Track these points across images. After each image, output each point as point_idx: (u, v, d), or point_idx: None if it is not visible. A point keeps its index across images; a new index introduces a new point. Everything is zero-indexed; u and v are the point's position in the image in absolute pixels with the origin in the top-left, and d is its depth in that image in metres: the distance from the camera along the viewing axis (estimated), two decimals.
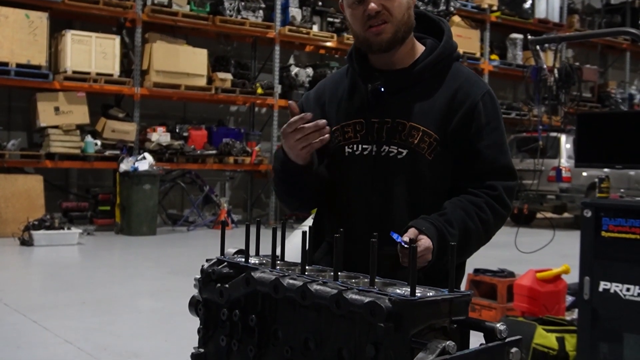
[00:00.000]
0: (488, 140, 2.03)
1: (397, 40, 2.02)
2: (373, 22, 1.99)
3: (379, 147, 2.03)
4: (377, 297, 1.35)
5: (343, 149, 2.09)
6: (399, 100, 2.05)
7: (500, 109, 2.13)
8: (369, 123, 2.06)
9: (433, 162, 1.98)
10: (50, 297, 6.19)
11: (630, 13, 18.59)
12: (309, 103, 2.23)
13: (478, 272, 5.58)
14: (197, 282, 1.80)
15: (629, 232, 3.86)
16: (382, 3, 1.97)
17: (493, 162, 2.03)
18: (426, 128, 2.00)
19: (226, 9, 11.93)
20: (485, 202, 1.99)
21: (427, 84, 2.06)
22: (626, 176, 12.13)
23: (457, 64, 2.13)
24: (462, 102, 2.03)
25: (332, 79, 2.27)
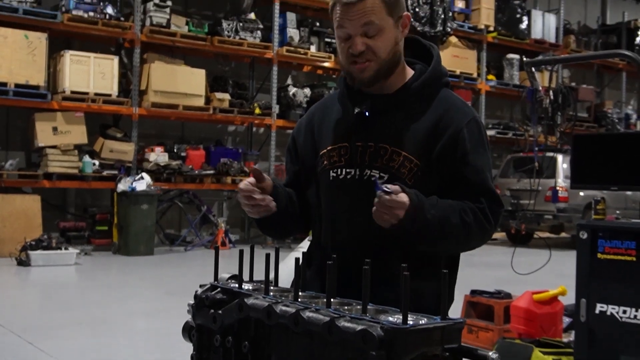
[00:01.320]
0: (473, 165, 2.03)
1: (380, 77, 2.04)
2: (357, 60, 2.01)
3: (362, 171, 2.06)
4: (369, 325, 1.36)
5: (328, 173, 2.12)
6: (383, 124, 2.07)
7: (486, 136, 2.14)
8: (354, 147, 2.08)
9: (412, 186, 1.97)
10: (47, 317, 6.17)
11: (626, 34, 18.70)
12: (300, 131, 2.27)
13: (475, 294, 5.57)
14: (191, 307, 1.80)
15: (625, 254, 3.86)
16: (367, 43, 1.99)
17: (479, 186, 2.04)
18: (407, 153, 2.02)
19: (224, 29, 11.99)
20: (471, 208, 2.00)
21: (413, 109, 2.07)
22: (623, 197, 12.13)
23: (445, 90, 2.14)
24: (445, 128, 2.04)
25: (322, 103, 2.30)
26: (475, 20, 15.60)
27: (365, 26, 1.98)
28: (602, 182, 4.71)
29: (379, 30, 1.99)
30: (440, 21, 14.56)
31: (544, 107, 6.44)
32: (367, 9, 1.96)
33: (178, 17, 11.73)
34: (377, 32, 1.99)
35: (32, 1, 10.36)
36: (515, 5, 16.35)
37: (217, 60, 13.01)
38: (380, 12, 1.98)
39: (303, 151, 2.24)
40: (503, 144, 16.98)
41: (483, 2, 15.53)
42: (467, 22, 15.55)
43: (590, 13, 20.13)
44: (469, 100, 15.29)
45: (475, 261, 11.37)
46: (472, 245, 2.08)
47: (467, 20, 15.57)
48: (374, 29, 1.98)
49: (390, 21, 2.01)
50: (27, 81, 10.11)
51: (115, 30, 11.04)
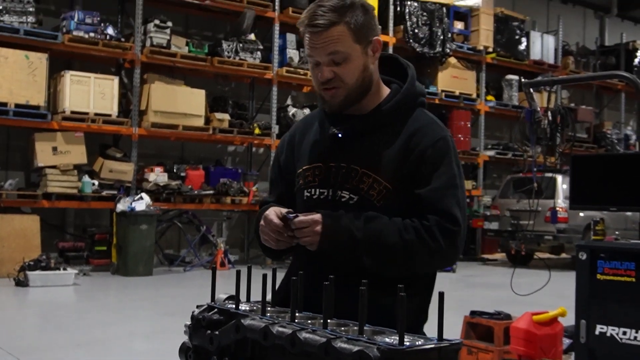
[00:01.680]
0: (433, 185, 2.02)
1: (350, 102, 2.05)
2: (326, 86, 2.03)
3: (334, 192, 2.07)
4: (365, 346, 1.35)
5: (303, 192, 2.15)
6: (355, 146, 2.08)
7: (456, 155, 2.11)
8: (327, 167, 2.10)
9: (381, 208, 2.00)
10: (44, 338, 6.14)
11: (625, 55, 18.81)
12: (283, 148, 2.31)
13: (474, 315, 5.54)
14: (188, 328, 1.80)
15: (624, 275, 3.86)
16: (334, 70, 2.00)
17: (434, 204, 2.00)
18: (377, 175, 2.03)
19: (224, 50, 12.05)
20: (414, 226, 1.98)
21: (386, 131, 2.08)
22: (623, 217, 12.11)
23: (420, 110, 2.14)
24: (414, 149, 2.04)
25: (304, 121, 2.32)
26: (474, 42, 15.69)
27: (331, 55, 1.99)
28: (601, 203, 4.72)
29: (346, 58, 2.00)
30: (440, 42, 14.64)
31: (543, 127, 6.45)
32: (333, 38, 1.97)
33: (178, 38, 11.79)
34: (344, 60, 2.00)
35: (33, 22, 10.42)
36: (514, 26, 16.45)
37: (217, 81, 13.06)
38: (346, 40, 1.99)
39: (285, 169, 2.27)
40: (502, 164, 17.00)
41: (482, 23, 15.63)
42: (466, 43, 15.63)
43: (588, 34, 20.25)
44: (468, 121, 15.35)
45: (475, 282, 11.35)
46: (419, 264, 2.03)
47: (466, 42, 15.66)
48: (340, 57, 1.99)
49: (357, 48, 2.01)
50: (28, 101, 10.14)
51: (116, 50, 11.09)
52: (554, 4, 19.48)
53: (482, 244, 15.40)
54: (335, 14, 1.97)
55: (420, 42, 14.44)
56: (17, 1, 10.27)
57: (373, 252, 1.96)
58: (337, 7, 1.98)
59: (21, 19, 10.29)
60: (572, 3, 19.96)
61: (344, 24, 1.98)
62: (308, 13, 2.00)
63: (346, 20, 1.98)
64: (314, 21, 1.97)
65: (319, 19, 1.96)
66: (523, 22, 16.74)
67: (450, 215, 2.00)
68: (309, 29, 1.98)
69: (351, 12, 1.99)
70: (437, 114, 12.99)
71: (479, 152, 15.88)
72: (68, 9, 11.40)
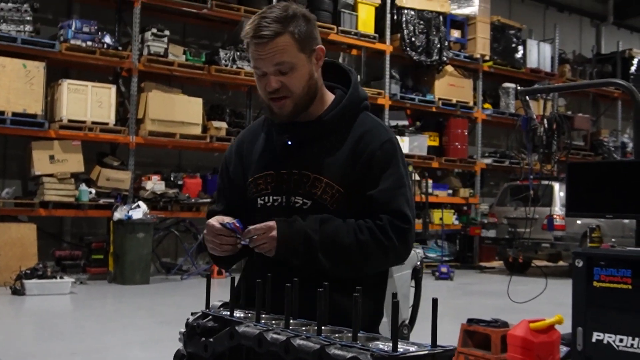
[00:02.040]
0: (383, 185, 2.09)
1: (298, 111, 2.10)
2: (273, 96, 2.07)
3: (288, 198, 2.12)
4: (359, 352, 1.35)
5: (256, 200, 2.19)
6: (305, 152, 2.13)
7: (402, 156, 2.19)
8: (279, 175, 2.14)
9: (334, 212, 2.07)
10: (41, 347, 6.12)
11: (621, 63, 18.87)
12: (231, 156, 2.33)
13: (471, 322, 5.54)
14: (182, 335, 1.79)
15: (621, 282, 3.86)
16: (281, 80, 2.04)
17: (385, 205, 2.08)
18: (329, 180, 2.08)
19: (221, 58, 12.07)
20: (368, 227, 2.05)
21: (334, 136, 2.14)
22: (620, 224, 12.12)
23: (364, 114, 2.20)
24: (362, 152, 2.11)
25: (250, 130, 2.36)
26: (471, 50, 15.73)
27: (278, 65, 2.03)
28: (597, 211, 4.72)
29: (292, 68, 2.04)
30: (437, 50, 14.68)
31: (539, 135, 6.47)
32: (279, 49, 2.02)
33: (176, 47, 11.81)
34: (290, 69, 2.04)
35: (31, 31, 10.43)
36: (510, 34, 16.50)
37: (215, 89, 13.07)
38: (291, 50, 2.03)
39: (235, 178, 2.29)
40: (500, 172, 17.02)
41: (479, 31, 15.67)
42: (463, 51, 15.67)
43: (585, 42, 20.32)
44: (465, 129, 15.38)
45: (473, 290, 11.34)
46: (374, 263, 2.10)
47: (463, 50, 15.69)
48: (286, 67, 2.04)
49: (302, 57, 2.06)
50: (25, 110, 10.14)
51: (113, 59, 11.10)
52: (550, 13, 19.55)
53: (480, 252, 15.39)
54: (280, 25, 2.02)
55: (417, 50, 14.48)
56: (14, 10, 10.28)
57: (329, 253, 2.02)
58: (281, 18, 2.02)
59: (19, 27, 10.30)
60: (568, 11, 20.04)
61: (289, 33, 2.03)
62: (252, 25, 2.04)
63: (290, 30, 2.03)
64: (259, 32, 2.01)
65: (263, 30, 2.01)
66: (520, 31, 16.80)
67: (401, 214, 2.08)
68: (255, 40, 2.03)
69: (294, 22, 2.04)
70: (434, 122, 12.94)
71: (476, 160, 15.89)
72: (66, 17, 11.43)
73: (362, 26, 13.89)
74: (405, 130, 14.43)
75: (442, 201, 14.85)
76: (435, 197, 14.64)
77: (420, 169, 14.43)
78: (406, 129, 14.54)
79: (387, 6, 14.32)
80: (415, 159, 14.14)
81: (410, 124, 14.91)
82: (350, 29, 13.63)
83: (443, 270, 12.17)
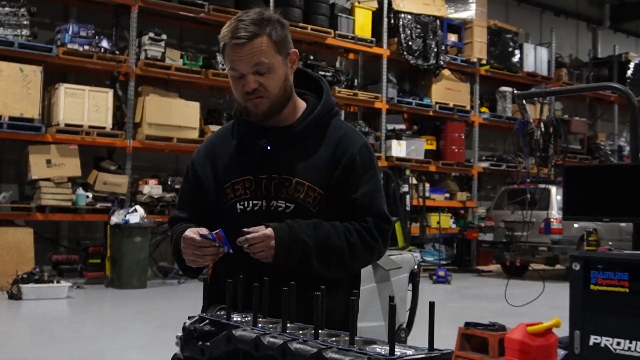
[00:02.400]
0: (364, 188, 2.18)
1: (274, 111, 2.16)
2: (250, 97, 2.12)
3: (268, 202, 2.17)
4: (356, 356, 1.35)
5: (235, 205, 2.21)
6: (284, 156, 2.18)
7: (376, 159, 2.30)
8: (258, 179, 2.18)
9: (317, 214, 2.14)
10: (38, 352, 6.11)
11: (617, 66, 18.91)
12: (200, 162, 2.33)
13: (469, 326, 5.53)
14: (179, 339, 1.79)
15: (618, 286, 3.86)
16: (259, 80, 2.10)
17: (369, 207, 2.18)
18: (311, 183, 2.15)
19: (219, 62, 12.07)
20: (356, 229, 2.14)
21: (310, 140, 2.20)
22: (617, 228, 12.14)
23: (336, 119, 2.28)
24: (341, 156, 2.19)
25: (219, 135, 2.38)
26: (468, 54, 15.76)
27: (256, 66, 2.09)
28: (594, 214, 4.73)
29: (269, 69, 2.11)
30: (434, 54, 14.71)
31: (536, 139, 6.48)
32: (256, 49, 2.08)
33: (173, 51, 11.82)
34: (267, 70, 2.11)
35: (28, 35, 10.43)
36: (507, 38, 16.53)
37: (212, 93, 13.07)
38: (269, 51, 2.10)
39: (205, 183, 2.29)
40: (497, 176, 17.04)
41: (475, 35, 15.70)
42: (460, 55, 15.70)
43: (581, 46, 20.37)
44: (462, 133, 15.40)
45: (470, 293, 11.35)
46: (360, 263, 2.22)
47: (460, 54, 15.72)
48: (264, 67, 2.10)
49: (279, 59, 2.14)
50: (22, 114, 10.13)
51: (110, 63, 11.10)
52: (547, 17, 19.59)
53: (477, 256, 15.41)
54: (257, 27, 2.09)
55: (414, 54, 14.50)
56: (11, 14, 10.28)
57: (323, 257, 2.09)
58: (257, 21, 2.10)
59: (16, 32, 10.30)
60: (565, 15, 20.08)
61: (266, 35, 2.10)
62: (230, 27, 2.11)
63: (267, 32, 2.10)
64: (237, 34, 2.08)
65: (241, 31, 2.08)
66: (516, 35, 16.84)
67: (384, 216, 2.21)
68: (234, 40, 2.08)
69: (270, 25, 2.12)
70: (431, 126, 12.97)
71: (473, 164, 15.90)
72: (63, 22, 11.42)
73: (359, 30, 13.91)
74: (403, 134, 14.45)
75: (440, 205, 14.86)
76: (433, 200, 14.66)
77: (417, 172, 14.44)
78: (403, 132, 14.55)
79: (384, 10, 14.34)
80: (412, 163, 14.15)
81: (407, 128, 14.93)
82: (347, 33, 13.65)
83: (440, 274, 12.18)
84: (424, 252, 13.85)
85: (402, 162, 13.82)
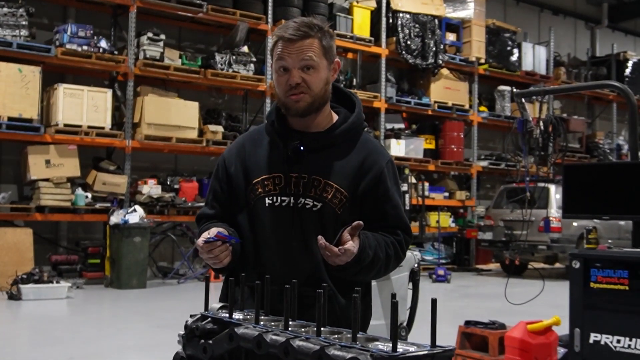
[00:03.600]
0: (393, 201, 2.34)
1: (312, 109, 2.27)
2: (293, 92, 2.23)
3: (296, 199, 2.28)
4: (359, 353, 1.35)
5: (264, 200, 2.32)
6: (316, 159, 2.30)
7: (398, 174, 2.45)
8: (288, 177, 2.30)
9: (340, 215, 2.27)
10: (37, 352, 6.10)
11: (616, 65, 18.92)
12: (231, 161, 2.43)
13: (469, 324, 5.54)
14: (181, 338, 1.79)
15: (618, 283, 3.86)
16: (303, 76, 2.22)
17: (399, 220, 2.35)
18: (339, 186, 2.28)
19: (217, 62, 12.07)
20: (392, 242, 2.30)
21: (341, 148, 2.33)
22: (616, 226, 12.15)
23: (365, 133, 2.42)
24: (370, 167, 2.32)
25: (250, 136, 2.48)
26: (466, 53, 15.76)
27: (303, 61, 2.23)
28: (594, 212, 4.73)
29: (314, 67, 2.25)
30: (432, 54, 14.71)
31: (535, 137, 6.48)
32: (306, 47, 2.23)
33: (171, 51, 11.82)
34: (313, 68, 2.24)
35: (26, 35, 10.42)
36: (505, 38, 16.54)
37: (211, 93, 13.08)
38: (317, 52, 2.25)
39: (236, 180, 2.39)
40: (496, 174, 17.04)
41: (474, 34, 15.71)
42: (459, 54, 15.70)
43: (580, 45, 20.38)
44: (461, 132, 15.41)
45: (470, 292, 11.35)
46: (389, 271, 2.36)
47: (459, 53, 15.73)
48: (311, 64, 2.24)
49: (324, 62, 2.27)
50: (21, 114, 10.12)
51: (109, 63, 11.09)
52: (545, 16, 19.60)
53: (476, 255, 15.42)
54: (310, 29, 2.25)
55: (413, 53, 14.50)
56: (10, 15, 10.27)
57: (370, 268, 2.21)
58: (311, 25, 2.27)
59: (14, 32, 10.29)
60: (563, 14, 20.09)
61: (317, 38, 2.26)
62: (284, 27, 2.28)
63: (318, 36, 2.26)
64: (291, 31, 2.23)
65: (295, 30, 2.23)
66: (515, 34, 16.83)
67: (410, 230, 2.39)
68: (287, 36, 2.23)
69: (321, 31, 2.28)
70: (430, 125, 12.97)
71: (472, 163, 15.91)
72: (61, 22, 11.42)
73: (357, 30, 13.91)
74: (402, 134, 14.45)
75: (439, 204, 14.87)
76: (432, 200, 14.67)
77: (416, 172, 14.44)
78: (402, 132, 14.55)
79: (382, 10, 14.35)
80: (411, 162, 14.15)
81: (406, 127, 14.93)
82: (346, 33, 13.65)
83: (440, 272, 12.18)
84: (423, 251, 13.86)
85: (401, 161, 13.81)
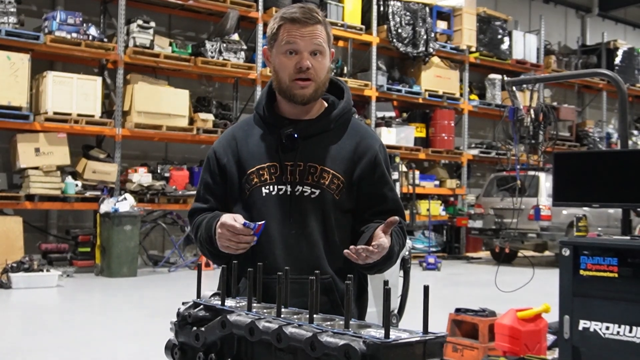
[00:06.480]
0: (390, 184, 2.36)
1: (316, 97, 2.28)
2: (301, 76, 2.22)
3: (293, 187, 2.27)
4: (351, 340, 1.36)
5: (260, 189, 2.29)
6: (310, 146, 2.29)
7: None
8: (283, 166, 2.28)
9: (339, 201, 2.27)
10: (28, 340, 6.09)
11: (606, 54, 18.97)
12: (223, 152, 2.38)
13: (459, 312, 5.57)
14: (173, 325, 1.79)
15: (607, 271, 3.89)
16: (312, 62, 2.22)
17: (397, 203, 2.36)
18: (335, 172, 2.28)
19: (208, 50, 12.02)
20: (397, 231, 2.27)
21: (334, 134, 2.33)
22: (606, 214, 12.22)
23: (354, 118, 2.43)
24: (364, 152, 2.33)
25: (239, 127, 2.45)
26: (457, 41, 15.75)
27: (314, 45, 2.22)
28: (583, 200, 4.75)
29: (322, 53, 2.25)
30: (423, 42, 14.69)
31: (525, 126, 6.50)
32: (317, 32, 2.23)
33: (161, 38, 11.76)
34: (321, 53, 2.25)
35: (15, 22, 10.34)
36: (496, 26, 16.54)
37: (201, 81, 13.03)
38: (324, 39, 2.26)
39: (229, 171, 2.35)
40: (486, 163, 17.09)
41: (465, 23, 15.70)
42: (449, 42, 15.69)
43: (570, 34, 20.41)
44: (452, 120, 15.43)
45: (460, 280, 11.40)
46: None
47: (449, 41, 15.72)
48: (320, 49, 2.24)
49: (328, 50, 2.28)
50: (9, 102, 10.06)
51: (99, 51, 11.03)
52: (535, 4, 19.61)
53: (467, 243, 15.48)
54: (319, 16, 2.25)
55: (404, 41, 14.49)
56: None
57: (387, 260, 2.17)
58: (319, 12, 2.27)
59: (2, 19, 10.21)
60: (553, 3, 20.10)
61: (324, 25, 2.27)
62: (292, 10, 2.24)
63: (325, 24, 2.28)
64: (305, 15, 2.21)
65: (307, 14, 2.22)
66: (505, 22, 16.84)
67: (403, 210, 2.39)
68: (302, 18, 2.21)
69: (325, 21, 2.29)
70: (421, 113, 12.99)
71: (462, 151, 15.94)
72: (50, 9, 11.34)
73: (348, 18, 13.88)
74: (392, 122, 14.46)
75: (429, 192, 14.90)
76: (422, 188, 14.69)
77: (407, 160, 14.46)
78: (393, 120, 14.56)
79: None
80: (402, 150, 14.16)
81: (397, 116, 14.94)
82: (336, 21, 13.61)
83: (430, 260, 12.23)
84: (413, 239, 13.90)
85: (391, 149, 13.81)
